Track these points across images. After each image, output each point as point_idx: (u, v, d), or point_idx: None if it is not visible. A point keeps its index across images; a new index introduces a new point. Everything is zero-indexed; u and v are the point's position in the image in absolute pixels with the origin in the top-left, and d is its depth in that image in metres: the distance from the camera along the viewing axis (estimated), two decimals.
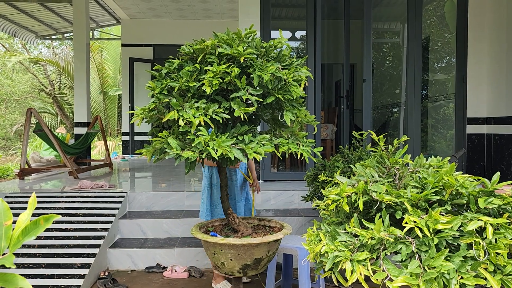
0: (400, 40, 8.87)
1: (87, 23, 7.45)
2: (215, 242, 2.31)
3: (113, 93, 15.84)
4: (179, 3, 8.83)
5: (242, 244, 2.29)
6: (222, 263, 2.38)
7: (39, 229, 0.59)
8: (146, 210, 4.35)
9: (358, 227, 1.69)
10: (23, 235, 0.57)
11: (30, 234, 0.58)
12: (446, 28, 8.15)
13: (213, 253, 2.37)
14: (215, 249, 2.35)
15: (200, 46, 2.24)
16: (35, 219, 0.59)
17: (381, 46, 9.46)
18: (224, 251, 2.32)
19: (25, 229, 0.57)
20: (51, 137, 5.23)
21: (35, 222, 0.57)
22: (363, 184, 1.76)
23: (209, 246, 2.37)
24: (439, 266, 1.47)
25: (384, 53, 9.61)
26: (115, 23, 10.50)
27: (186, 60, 2.32)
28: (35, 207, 0.58)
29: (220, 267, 2.43)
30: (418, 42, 5.34)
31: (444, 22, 8.13)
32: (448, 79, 7.56)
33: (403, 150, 1.92)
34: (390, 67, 9.37)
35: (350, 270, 1.58)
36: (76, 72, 7.39)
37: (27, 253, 3.37)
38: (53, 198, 4.19)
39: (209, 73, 2.11)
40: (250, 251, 2.32)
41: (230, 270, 2.40)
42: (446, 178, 1.68)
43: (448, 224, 1.53)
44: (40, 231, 0.60)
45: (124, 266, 3.69)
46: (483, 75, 5.33)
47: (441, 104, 7.63)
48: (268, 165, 5.27)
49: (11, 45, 20.97)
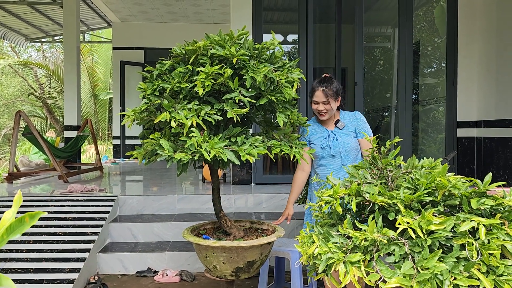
0: (390, 44, 8.95)
1: (78, 26, 7.40)
2: (207, 245, 2.28)
3: (104, 97, 15.75)
4: (171, 7, 8.82)
5: (234, 247, 2.27)
6: (215, 266, 2.35)
7: (24, 227, 0.57)
8: (137, 214, 4.31)
9: (351, 229, 1.68)
10: (7, 233, 0.55)
11: (15, 232, 0.55)
12: (436, 33, 8.24)
13: (205, 256, 2.35)
14: (207, 252, 2.33)
15: (192, 47, 2.22)
16: (20, 216, 0.57)
17: (372, 50, 9.53)
18: (216, 254, 2.30)
19: (10, 227, 0.55)
20: (40, 141, 5.17)
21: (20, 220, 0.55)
22: (356, 185, 1.76)
23: (201, 249, 2.35)
24: (432, 267, 1.46)
25: (375, 57, 9.68)
26: (106, 26, 10.45)
27: (178, 61, 2.30)
28: (20, 205, 0.56)
29: (212, 270, 2.41)
30: (409, 46, 5.39)
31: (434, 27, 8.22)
32: (438, 83, 7.63)
33: (395, 151, 1.92)
34: (381, 71, 9.44)
35: (344, 272, 1.57)
36: (66, 75, 7.33)
37: (15, 257, 3.31)
38: (42, 202, 4.14)
39: (202, 74, 2.09)
40: (242, 254, 2.30)
41: (222, 273, 2.37)
42: (438, 179, 1.68)
43: (441, 225, 1.52)
44: (25, 228, 0.57)
45: (115, 270, 3.65)
46: (473, 79, 5.38)
47: (431, 108, 7.70)
48: (260, 168, 5.25)
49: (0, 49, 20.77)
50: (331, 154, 2.63)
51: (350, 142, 2.62)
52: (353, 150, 2.63)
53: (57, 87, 16.41)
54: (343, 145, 2.61)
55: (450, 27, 5.45)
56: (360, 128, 2.64)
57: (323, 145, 2.65)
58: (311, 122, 2.79)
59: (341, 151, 2.61)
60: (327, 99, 2.58)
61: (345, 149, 2.61)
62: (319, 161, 2.71)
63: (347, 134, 2.64)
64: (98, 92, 16.16)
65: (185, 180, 5.87)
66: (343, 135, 2.64)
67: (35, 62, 16.11)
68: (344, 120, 2.67)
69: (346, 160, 2.61)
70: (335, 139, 2.63)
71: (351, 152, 2.63)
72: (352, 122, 2.66)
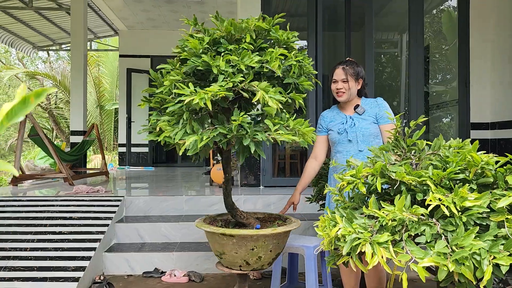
0: (398, 51, 8.88)
1: (85, 32, 7.38)
2: (260, 234, 2.17)
3: (110, 107, 15.74)
4: (177, 13, 8.82)
5: (284, 232, 2.24)
6: (259, 257, 2.23)
7: (28, 108, 0.48)
8: (143, 215, 4.20)
9: (377, 209, 1.57)
10: (8, 119, 0.45)
11: (18, 114, 0.46)
12: (443, 40, 8.18)
13: (253, 248, 2.19)
14: (257, 243, 2.19)
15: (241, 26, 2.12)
16: (24, 95, 0.47)
17: (378, 57, 9.46)
18: (267, 243, 2.21)
19: (12, 111, 0.46)
20: (46, 142, 5.10)
21: (23, 100, 0.46)
22: (381, 164, 1.65)
23: (250, 241, 2.18)
24: (469, 245, 1.35)
25: (382, 64, 9.61)
26: (113, 34, 10.48)
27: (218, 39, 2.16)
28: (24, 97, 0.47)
29: (252, 263, 2.26)
30: (419, 50, 5.30)
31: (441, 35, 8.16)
32: (446, 90, 7.54)
33: (420, 131, 1.82)
34: (388, 78, 9.35)
35: (371, 253, 1.45)
36: (73, 81, 7.28)
37: (18, 256, 3.20)
38: (47, 201, 4.04)
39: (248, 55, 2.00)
40: (284, 240, 2.29)
41: (261, 265, 2.29)
42: (469, 156, 1.58)
43: (477, 201, 1.41)
44: (30, 109, 0.48)
45: (121, 270, 3.52)
46: (486, 79, 5.28)
47: (440, 115, 7.59)
48: (269, 171, 5.14)
49: (7, 61, 20.94)
50: (348, 139, 2.54)
51: (368, 127, 2.52)
52: (371, 136, 2.52)
53: (64, 98, 16.43)
54: (360, 129, 2.52)
55: (462, 28, 5.37)
56: (381, 114, 2.53)
57: (340, 130, 2.57)
58: (332, 110, 2.73)
59: (357, 135, 2.51)
60: (346, 77, 2.53)
61: (362, 134, 2.51)
62: (336, 147, 2.63)
63: (366, 120, 2.54)
64: (104, 102, 16.16)
65: (192, 183, 5.76)
66: (362, 120, 2.54)
67: (42, 73, 16.19)
68: (365, 106, 2.58)
69: (363, 145, 2.50)
70: (352, 124, 2.54)
71: (369, 138, 2.52)
72: (373, 108, 2.57)
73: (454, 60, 6.27)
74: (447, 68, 7.87)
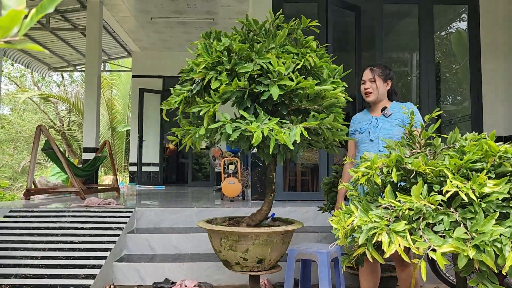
0: (408, 69, 8.91)
1: (100, 53, 7.54)
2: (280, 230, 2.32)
3: (122, 129, 15.91)
4: (190, 35, 9.00)
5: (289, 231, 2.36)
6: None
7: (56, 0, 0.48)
8: (154, 227, 4.17)
9: (393, 199, 1.54)
10: (37, 13, 0.46)
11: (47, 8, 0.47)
12: (453, 59, 8.19)
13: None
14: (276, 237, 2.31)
15: None
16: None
17: None
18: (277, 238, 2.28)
19: (41, 6, 0.47)
20: (59, 156, 5.15)
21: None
22: (396, 155, 1.64)
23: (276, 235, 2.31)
24: (489, 231, 1.31)
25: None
26: (126, 55, 10.69)
27: None
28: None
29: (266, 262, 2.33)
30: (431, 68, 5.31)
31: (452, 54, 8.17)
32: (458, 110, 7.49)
33: (435, 125, 1.80)
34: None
35: (388, 242, 1.42)
36: (87, 100, 7.41)
37: (29, 263, 3.19)
38: (59, 212, 4.05)
39: None
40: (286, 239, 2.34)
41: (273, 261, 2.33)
42: (487, 146, 1.56)
43: (496, 187, 1.38)
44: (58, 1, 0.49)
45: (131, 281, 3.48)
46: (498, 93, 5.25)
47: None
48: (280, 185, 5.11)
49: (23, 85, 21.41)
50: (370, 138, 2.56)
51: (392, 129, 2.53)
52: (394, 138, 2.52)
53: (77, 120, 16.68)
54: (383, 131, 2.53)
55: (473, 42, 5.39)
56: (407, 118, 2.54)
57: (362, 129, 2.58)
58: (362, 112, 2.77)
59: (379, 136, 2.52)
60: (373, 77, 2.58)
61: (384, 135, 2.52)
62: (359, 147, 2.68)
63: (391, 122, 2.56)
64: (116, 124, 16.35)
65: (203, 199, 5.74)
66: (387, 123, 2.56)
67: (56, 95, 16.50)
68: (394, 110, 2.59)
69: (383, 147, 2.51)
70: (376, 124, 2.56)
71: None
72: (401, 112, 2.57)
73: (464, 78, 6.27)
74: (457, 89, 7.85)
